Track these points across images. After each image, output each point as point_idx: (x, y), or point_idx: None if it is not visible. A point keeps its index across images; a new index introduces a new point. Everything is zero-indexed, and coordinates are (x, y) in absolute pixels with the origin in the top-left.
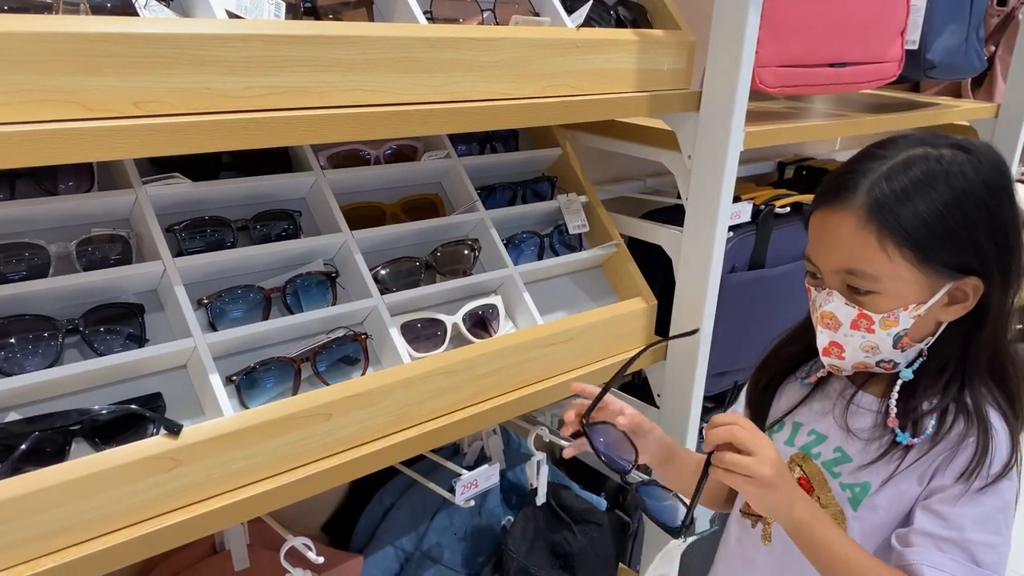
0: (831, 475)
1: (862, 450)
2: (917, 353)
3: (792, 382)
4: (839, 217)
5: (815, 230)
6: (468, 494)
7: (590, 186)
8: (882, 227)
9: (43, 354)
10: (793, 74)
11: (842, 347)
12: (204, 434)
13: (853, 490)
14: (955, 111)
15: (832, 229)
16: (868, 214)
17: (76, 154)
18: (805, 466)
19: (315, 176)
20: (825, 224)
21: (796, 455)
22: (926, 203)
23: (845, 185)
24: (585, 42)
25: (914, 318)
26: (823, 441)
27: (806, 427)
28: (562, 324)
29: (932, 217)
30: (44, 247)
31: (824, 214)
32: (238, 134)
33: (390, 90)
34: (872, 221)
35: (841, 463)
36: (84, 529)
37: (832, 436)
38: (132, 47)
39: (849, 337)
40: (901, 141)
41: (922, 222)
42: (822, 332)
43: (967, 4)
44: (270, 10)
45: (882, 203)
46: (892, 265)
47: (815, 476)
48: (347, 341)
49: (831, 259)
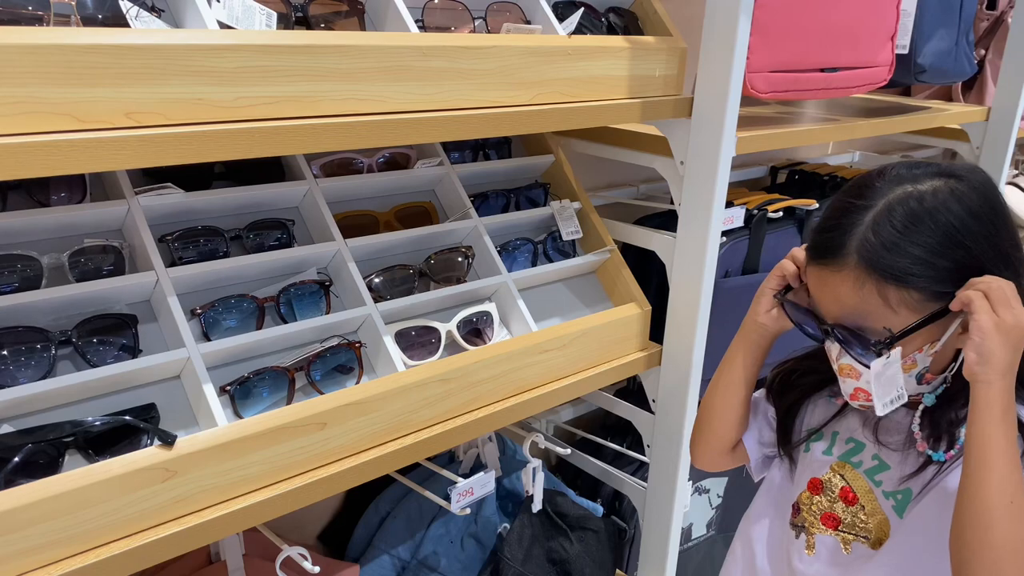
0: (873, 483)
1: (900, 462)
2: (941, 381)
3: (820, 397)
4: (836, 278)
5: (814, 286)
6: (464, 502)
7: (583, 192)
8: (880, 281)
9: (36, 366)
10: (784, 79)
11: (868, 392)
12: (198, 444)
13: (896, 497)
14: (946, 115)
15: (832, 289)
16: (863, 271)
17: (68, 166)
18: (847, 475)
19: (308, 185)
20: (824, 283)
21: (836, 464)
22: (916, 247)
23: (833, 244)
24: (576, 49)
25: (931, 356)
26: (862, 449)
27: (843, 436)
28: (556, 331)
29: (925, 258)
30: (36, 258)
31: (819, 272)
32: (230, 144)
33: (382, 99)
34: (869, 278)
35: (881, 471)
36: (78, 541)
37: (869, 444)
38: (123, 58)
39: (870, 383)
40: (879, 184)
41: (917, 264)
42: (844, 381)
43: (957, 8)
44: (261, 20)
45: (873, 258)
46: (898, 316)
47: (858, 485)
48: (341, 350)
49: (837, 316)
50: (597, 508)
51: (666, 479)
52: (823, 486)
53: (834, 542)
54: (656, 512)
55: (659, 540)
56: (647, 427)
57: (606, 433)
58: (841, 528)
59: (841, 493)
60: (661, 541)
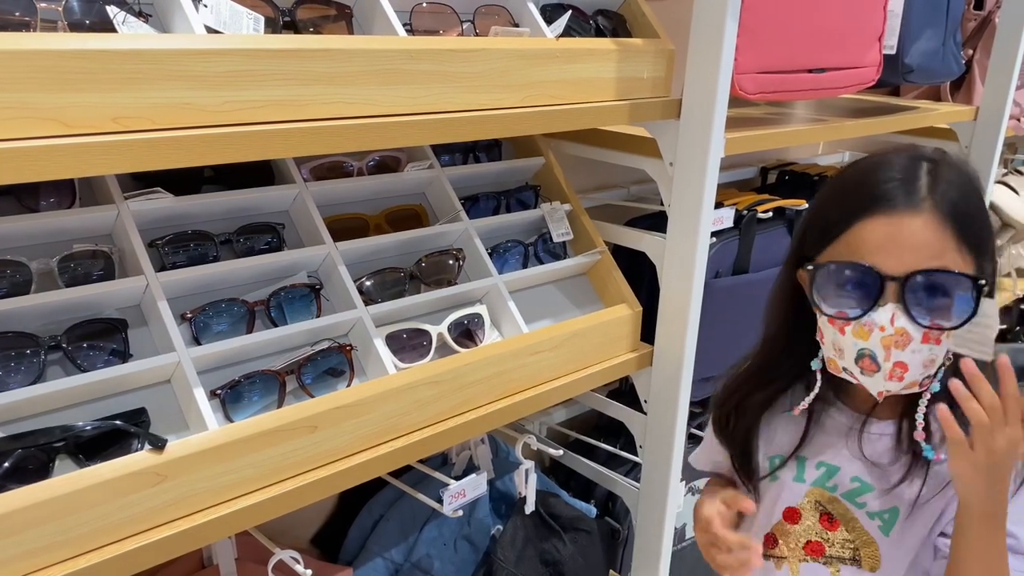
0: (855, 506)
1: (882, 476)
2: (942, 363)
3: (776, 416)
4: (917, 222)
5: (880, 240)
6: (456, 504)
7: (573, 194)
8: (956, 228)
9: (25, 371)
10: (772, 80)
11: (906, 367)
12: (189, 448)
13: (882, 517)
14: (935, 114)
15: (909, 235)
16: (941, 214)
17: (55, 171)
18: (825, 502)
19: (298, 189)
20: (899, 231)
21: (812, 491)
22: (976, 203)
23: (906, 190)
24: (565, 52)
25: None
26: (836, 473)
27: (811, 461)
28: (547, 332)
29: (980, 218)
30: (26, 264)
31: (890, 220)
32: (218, 148)
33: (371, 102)
34: (947, 221)
35: (863, 492)
36: (69, 546)
37: (845, 467)
38: (111, 63)
39: (916, 353)
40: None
41: (977, 223)
42: (884, 350)
43: (944, 8)
44: (249, 24)
45: (949, 199)
46: (965, 266)
47: (839, 511)
48: (332, 353)
49: (909, 263)
50: (590, 509)
51: (659, 480)
52: (800, 515)
53: (823, 569)
54: (649, 513)
55: (652, 541)
56: (639, 428)
57: (599, 434)
58: (828, 555)
59: (822, 520)
60: (654, 542)
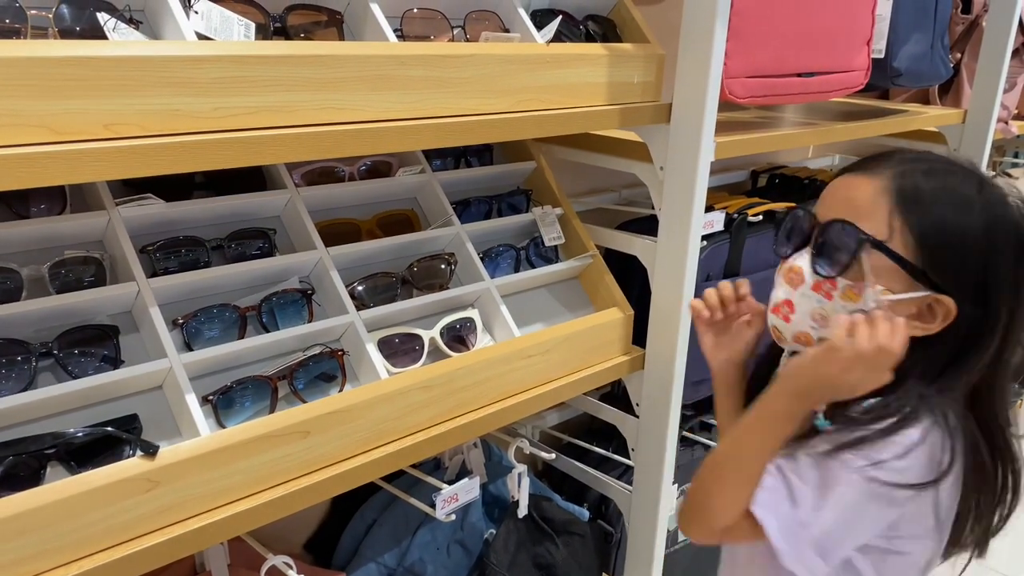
0: None
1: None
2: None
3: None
4: (863, 181)
5: (827, 192)
6: (449, 508)
7: (565, 198)
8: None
9: (16, 378)
10: (762, 84)
11: (793, 307)
12: (181, 454)
13: None
14: (923, 117)
15: (847, 188)
16: (890, 186)
17: (45, 178)
18: None
19: (289, 194)
20: (847, 186)
21: None
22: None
23: (878, 161)
24: (555, 57)
25: (876, 303)
26: None
27: None
28: (539, 336)
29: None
30: (16, 270)
31: (848, 179)
32: (209, 154)
33: (361, 108)
34: (891, 193)
35: None
36: (61, 553)
37: None
38: (101, 70)
39: (805, 298)
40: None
41: (938, 230)
42: (782, 286)
43: (931, 12)
44: (239, 31)
45: (907, 179)
46: (888, 241)
47: None
48: (324, 358)
49: (831, 211)
50: (583, 512)
51: (651, 482)
52: None
53: None
54: (642, 516)
55: (645, 544)
56: (631, 431)
57: (591, 438)
58: None
59: None
60: (647, 545)
